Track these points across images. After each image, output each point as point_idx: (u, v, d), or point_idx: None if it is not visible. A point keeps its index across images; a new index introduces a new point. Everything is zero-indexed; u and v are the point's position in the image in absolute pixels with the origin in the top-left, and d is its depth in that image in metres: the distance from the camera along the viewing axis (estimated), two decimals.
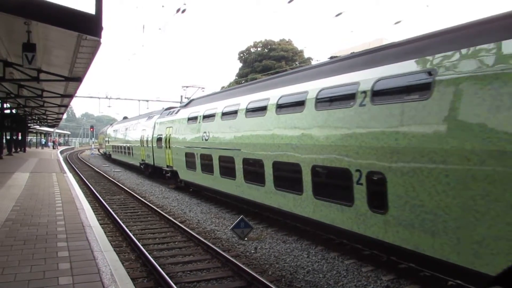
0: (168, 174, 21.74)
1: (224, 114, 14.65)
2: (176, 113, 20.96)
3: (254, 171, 12.56)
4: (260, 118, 12.08)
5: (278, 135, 11.05)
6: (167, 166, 21.47)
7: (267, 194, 11.78)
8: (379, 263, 8.95)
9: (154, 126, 24.42)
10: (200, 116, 16.96)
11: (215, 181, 15.38)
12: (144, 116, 31.77)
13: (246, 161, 12.85)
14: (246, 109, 13.00)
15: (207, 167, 15.99)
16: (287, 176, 11.03)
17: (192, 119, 17.86)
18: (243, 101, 13.47)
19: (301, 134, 10.05)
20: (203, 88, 29.57)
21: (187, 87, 28.05)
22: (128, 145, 33.47)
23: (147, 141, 25.86)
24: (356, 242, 9.85)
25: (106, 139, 48.31)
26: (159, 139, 22.73)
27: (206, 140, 15.71)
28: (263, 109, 12.03)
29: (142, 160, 27.84)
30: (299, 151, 10.10)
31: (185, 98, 24.77)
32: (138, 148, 29.26)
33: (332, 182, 9.63)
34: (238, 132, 13.30)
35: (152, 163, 24.86)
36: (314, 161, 9.61)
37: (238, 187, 13.48)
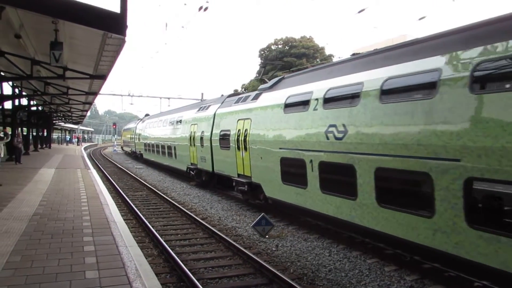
0: (243, 188, 14.85)
1: (388, 91, 8.45)
2: (256, 98, 14.75)
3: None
4: None
5: None
6: (240, 176, 15.35)
7: None
8: (402, 263, 8.83)
9: (214, 118, 18.46)
10: (317, 99, 10.54)
11: (365, 212, 8.90)
12: (192, 106, 25.12)
13: (480, 187, 6.68)
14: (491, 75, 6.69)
15: (337, 186, 9.94)
16: None
17: (296, 105, 11.66)
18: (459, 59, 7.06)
19: None
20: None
21: (266, 63, 18.70)
22: (168, 143, 26.58)
23: (201, 139, 19.63)
24: None
25: (136, 136, 41.15)
26: (223, 137, 16.87)
27: (337, 139, 9.55)
28: None
29: (192, 163, 21.37)
30: None
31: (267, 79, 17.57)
32: (184, 148, 22.58)
33: None
34: (452, 124, 6.92)
35: (210, 169, 18.58)
36: None
37: (447, 235, 7.07)
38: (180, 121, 24.21)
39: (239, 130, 15.19)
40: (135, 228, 11.96)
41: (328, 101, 10.26)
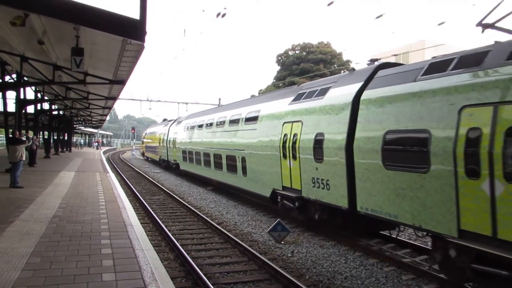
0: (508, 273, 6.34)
1: None
2: None
3: None
4: None
5: None
6: (472, 236, 7.04)
7: None
8: (420, 272, 8.68)
9: (354, 109, 10.11)
10: None
11: None
12: (277, 95, 15.61)
13: None
14: None
15: None
16: None
17: None
18: None
19: None
20: None
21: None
22: (228, 152, 18.23)
23: (315, 146, 11.25)
24: None
25: (169, 140, 32.89)
26: (396, 145, 8.74)
27: None
28: None
29: (287, 187, 12.97)
30: None
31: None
32: (266, 160, 14.32)
33: None
34: None
35: (344, 204, 10.26)
36: None
37: None
38: (255, 118, 15.87)
39: (480, 132, 6.91)
40: (151, 231, 12.06)
41: None
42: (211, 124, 21.79)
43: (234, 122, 18.32)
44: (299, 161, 12.05)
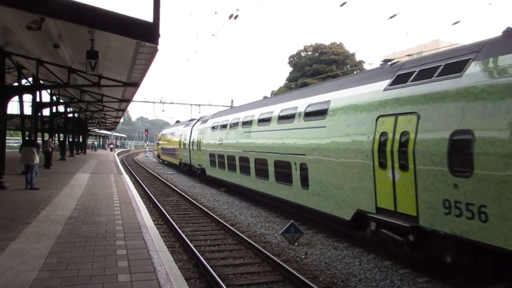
0: None
1: None
2: None
3: None
4: None
5: None
6: None
7: None
8: (436, 275, 8.57)
9: None
10: None
11: None
12: (364, 77, 11.40)
13: None
14: None
15: None
16: None
17: None
18: None
19: None
20: None
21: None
22: (276, 156, 14.69)
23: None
24: None
25: (192, 142, 28.78)
26: None
27: None
28: None
29: (389, 210, 8.95)
30: None
31: None
32: (341, 169, 10.73)
33: None
34: None
35: None
36: None
37: None
38: (322, 113, 12.03)
39: None
40: (165, 233, 12.12)
41: None
42: (249, 122, 17.76)
43: (285, 118, 14.43)
44: (414, 173, 8.23)
